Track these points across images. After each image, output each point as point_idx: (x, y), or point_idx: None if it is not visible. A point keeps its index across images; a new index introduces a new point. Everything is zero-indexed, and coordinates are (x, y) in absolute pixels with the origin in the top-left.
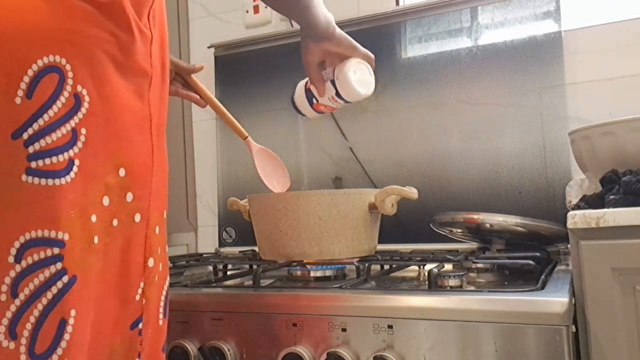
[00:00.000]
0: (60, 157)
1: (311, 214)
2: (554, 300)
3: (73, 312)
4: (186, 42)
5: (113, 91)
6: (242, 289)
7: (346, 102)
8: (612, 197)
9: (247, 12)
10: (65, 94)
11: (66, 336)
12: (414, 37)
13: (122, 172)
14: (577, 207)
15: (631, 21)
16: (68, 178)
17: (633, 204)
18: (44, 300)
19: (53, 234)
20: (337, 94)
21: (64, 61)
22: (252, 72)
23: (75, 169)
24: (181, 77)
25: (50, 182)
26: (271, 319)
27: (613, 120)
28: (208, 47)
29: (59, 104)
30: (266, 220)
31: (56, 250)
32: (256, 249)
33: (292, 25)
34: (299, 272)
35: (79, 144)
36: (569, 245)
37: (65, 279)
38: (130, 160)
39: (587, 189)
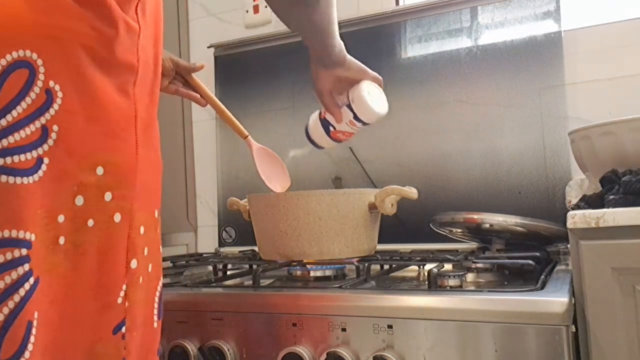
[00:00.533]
0: (28, 155)
1: (311, 214)
2: (553, 300)
3: (36, 314)
4: (186, 42)
5: (92, 87)
6: (242, 289)
7: (364, 124)
8: (612, 197)
9: (247, 12)
10: (36, 89)
11: (32, 339)
12: (414, 37)
13: (99, 170)
14: (577, 207)
15: (631, 21)
16: (36, 177)
17: (633, 204)
18: (11, 304)
19: (21, 234)
20: (355, 117)
21: (34, 56)
22: (252, 72)
23: (44, 167)
24: (181, 76)
25: (18, 180)
26: (271, 319)
27: (613, 120)
28: (208, 47)
29: (28, 100)
30: (266, 220)
31: (24, 252)
32: (256, 248)
33: None
34: (299, 272)
35: (50, 142)
36: (568, 245)
37: (32, 280)
38: (110, 158)
39: (587, 189)
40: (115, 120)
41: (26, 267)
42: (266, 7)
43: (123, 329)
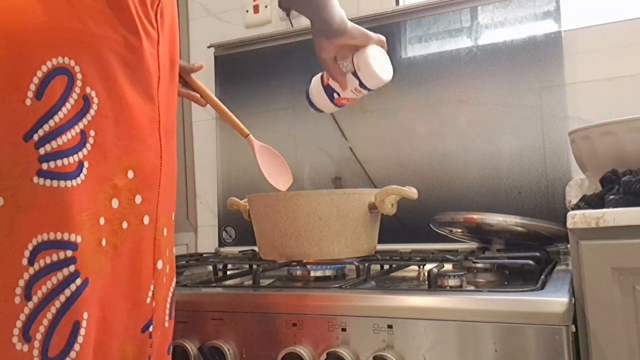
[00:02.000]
0: (71, 159)
1: (311, 214)
2: (553, 300)
3: (85, 315)
4: (186, 42)
5: (122, 92)
6: (242, 289)
7: (369, 90)
8: (612, 197)
9: (247, 12)
10: (75, 95)
11: (79, 339)
12: (414, 37)
13: (130, 174)
14: (577, 207)
15: (631, 21)
16: (79, 180)
17: (633, 204)
18: (57, 303)
19: (66, 236)
20: (361, 84)
21: (72, 62)
22: (252, 72)
23: (85, 170)
24: (181, 77)
25: (62, 184)
26: (271, 319)
27: (613, 120)
28: (208, 47)
29: (68, 105)
30: (266, 220)
31: (69, 253)
32: (256, 248)
33: (292, 25)
34: (299, 272)
35: (88, 146)
36: (568, 245)
37: (79, 281)
38: (139, 162)
39: (587, 189)
40: (142, 125)
41: (72, 268)
42: (266, 7)
43: (150, 328)
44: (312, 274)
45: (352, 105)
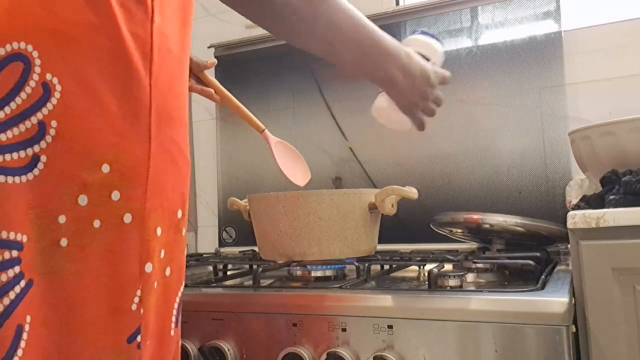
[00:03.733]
0: (22, 153)
1: (311, 214)
2: (554, 300)
3: (28, 319)
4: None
5: (94, 80)
6: (242, 289)
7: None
8: (612, 197)
9: None
10: (32, 83)
11: (22, 344)
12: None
13: (105, 168)
14: (577, 207)
15: (631, 21)
16: (30, 175)
17: (633, 204)
18: (0, 306)
19: (12, 236)
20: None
21: (30, 48)
22: (252, 72)
23: (40, 165)
24: (194, 73)
25: (9, 179)
26: (271, 319)
27: (613, 120)
28: (208, 47)
29: (23, 95)
30: (266, 220)
31: (15, 253)
32: (256, 249)
33: None
34: (299, 272)
35: (48, 138)
36: (569, 245)
37: (23, 283)
38: (116, 155)
39: (587, 189)
40: (122, 115)
41: (17, 269)
42: None
43: (138, 338)
44: (312, 274)
45: (352, 105)
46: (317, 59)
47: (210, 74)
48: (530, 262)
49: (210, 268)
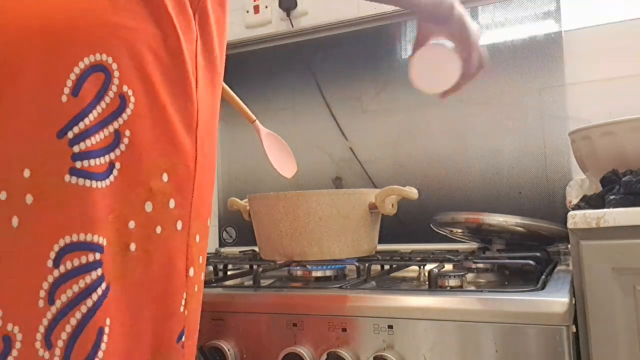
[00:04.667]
0: (102, 160)
1: (311, 214)
2: (554, 300)
3: (108, 321)
4: None
5: (159, 92)
6: (242, 289)
7: None
8: (612, 197)
9: (247, 12)
10: (111, 94)
11: (102, 346)
12: (414, 37)
13: (165, 177)
14: (578, 207)
15: (631, 21)
16: (107, 182)
17: (633, 204)
18: (83, 308)
19: (95, 238)
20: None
21: (110, 60)
22: (253, 72)
23: (115, 172)
24: None
25: (93, 184)
26: (271, 319)
27: (613, 121)
28: None
29: (103, 104)
30: (266, 220)
31: (97, 256)
32: (256, 249)
33: (292, 25)
34: (299, 272)
35: (122, 147)
36: (569, 245)
37: (104, 285)
38: (173, 165)
39: (587, 189)
40: (178, 127)
41: (99, 271)
42: (267, 7)
43: (183, 338)
44: (313, 274)
45: (352, 105)
46: (317, 59)
47: None
48: (531, 262)
49: (211, 268)
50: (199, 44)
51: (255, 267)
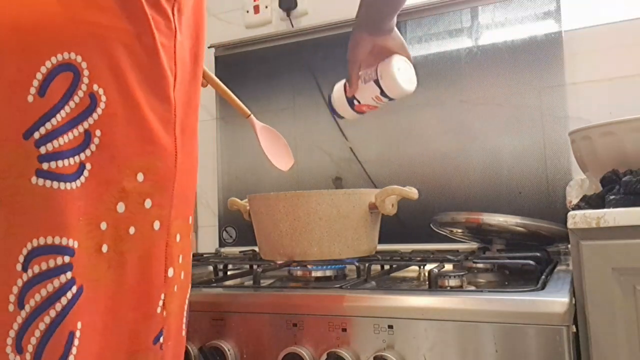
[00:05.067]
0: (71, 160)
1: (311, 214)
2: (554, 300)
3: (79, 325)
4: None
5: (133, 90)
6: (242, 289)
7: (390, 99)
8: (612, 197)
9: (247, 12)
10: (80, 93)
11: (74, 350)
12: (414, 37)
13: (140, 177)
14: (578, 207)
15: (631, 21)
16: (78, 182)
17: (633, 204)
18: (52, 313)
19: (64, 241)
20: (382, 93)
21: (79, 58)
22: (253, 72)
23: (85, 173)
24: None
25: (62, 185)
26: (271, 319)
27: (613, 120)
28: (208, 47)
29: (72, 104)
30: (266, 220)
31: (67, 259)
32: (256, 249)
33: (292, 26)
34: (299, 272)
35: (92, 147)
36: (569, 246)
37: (74, 289)
38: (150, 164)
39: (587, 189)
40: (155, 126)
41: (68, 275)
42: (267, 7)
43: (161, 339)
44: (313, 274)
45: None
46: (317, 59)
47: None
48: (531, 262)
49: (211, 268)
50: (178, 39)
51: (255, 267)
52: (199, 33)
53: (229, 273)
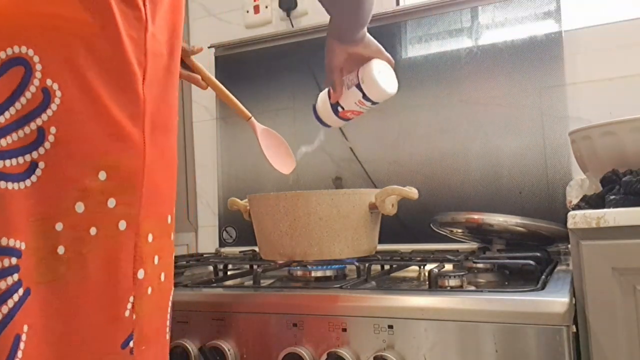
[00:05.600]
0: (20, 160)
1: (311, 214)
2: (554, 300)
3: (26, 328)
4: (187, 42)
5: (94, 84)
6: (242, 289)
7: (374, 103)
8: (612, 197)
9: (247, 12)
10: (32, 89)
11: (19, 354)
12: (414, 37)
13: (102, 175)
14: (578, 207)
15: (631, 21)
16: (28, 182)
17: (633, 204)
18: None
19: (11, 242)
20: (365, 96)
21: (31, 52)
22: (252, 72)
23: (38, 172)
24: (181, 59)
25: (9, 185)
26: (271, 319)
27: (613, 120)
28: (208, 47)
29: (23, 100)
30: (266, 220)
31: (13, 260)
32: (256, 249)
33: (292, 25)
34: (299, 272)
35: (46, 145)
36: (569, 245)
37: (21, 291)
38: (113, 162)
39: (587, 189)
40: (119, 121)
41: (15, 277)
42: (267, 7)
43: (131, 344)
44: (313, 274)
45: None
46: (317, 59)
47: (210, 72)
48: (531, 262)
49: (211, 268)
50: (150, 30)
51: (255, 267)
52: (176, 25)
53: (229, 273)
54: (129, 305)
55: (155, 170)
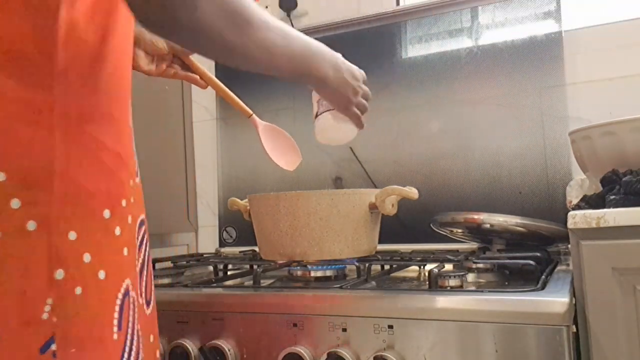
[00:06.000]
0: None
1: (311, 214)
2: (554, 300)
3: None
4: None
5: None
6: (242, 289)
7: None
8: (612, 197)
9: None
10: None
11: None
12: (414, 38)
13: (1, 176)
14: (578, 207)
15: (631, 21)
16: None
17: (633, 204)
18: None
19: None
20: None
21: None
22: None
23: None
24: (179, 59)
25: None
26: (271, 319)
27: (613, 120)
28: None
29: None
30: (266, 220)
31: None
32: (256, 249)
33: (292, 25)
34: (299, 272)
35: None
36: (569, 245)
37: None
38: (12, 162)
39: (587, 189)
40: (19, 117)
41: None
42: (267, 7)
43: (53, 347)
44: (313, 274)
45: None
46: None
47: (210, 72)
48: (531, 262)
49: (211, 268)
50: (62, 16)
51: (255, 267)
52: (112, 8)
53: (229, 273)
54: (47, 308)
55: (76, 165)
